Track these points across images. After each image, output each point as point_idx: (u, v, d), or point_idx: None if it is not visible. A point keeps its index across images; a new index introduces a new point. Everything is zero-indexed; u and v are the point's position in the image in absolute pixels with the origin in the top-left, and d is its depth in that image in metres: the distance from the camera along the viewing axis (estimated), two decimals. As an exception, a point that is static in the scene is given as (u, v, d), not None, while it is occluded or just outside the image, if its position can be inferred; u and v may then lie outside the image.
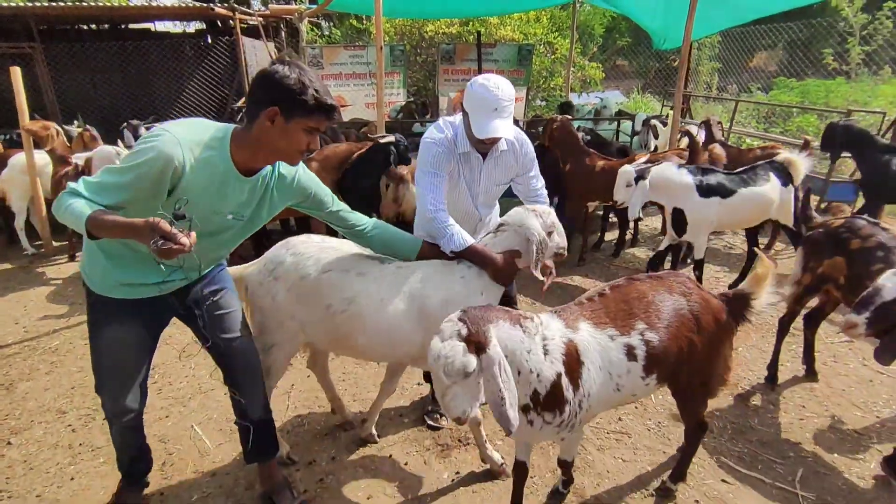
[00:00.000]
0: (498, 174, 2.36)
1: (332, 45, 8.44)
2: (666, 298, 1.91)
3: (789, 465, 2.51)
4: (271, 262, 2.16)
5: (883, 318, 1.79)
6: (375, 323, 2.01)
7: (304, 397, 3.00)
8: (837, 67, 7.61)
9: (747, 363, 3.32)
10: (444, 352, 1.47)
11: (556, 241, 2.14)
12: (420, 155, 2.26)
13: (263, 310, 2.15)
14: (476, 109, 2.07)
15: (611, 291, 1.91)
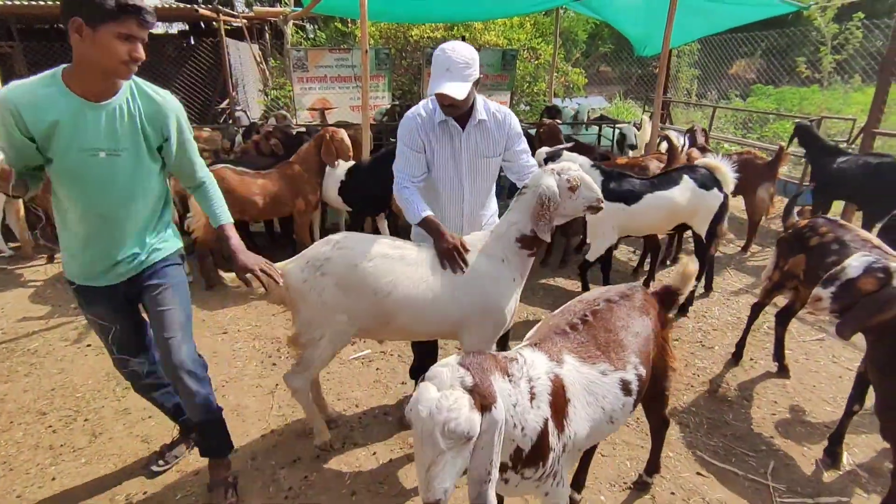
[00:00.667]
0: (480, 145, 2.33)
1: (317, 48, 8.44)
2: (641, 322, 1.85)
3: (761, 457, 2.60)
4: (316, 258, 2.20)
5: (846, 294, 1.90)
6: (418, 302, 2.14)
7: (288, 396, 3.00)
8: (810, 75, 7.85)
9: (723, 361, 3.42)
10: (446, 404, 1.17)
11: (585, 195, 2.12)
12: (398, 129, 2.37)
13: (310, 305, 2.20)
14: (433, 71, 2.15)
15: (594, 319, 1.76)
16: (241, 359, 3.41)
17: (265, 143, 5.34)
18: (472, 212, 2.46)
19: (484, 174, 2.41)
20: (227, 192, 4.07)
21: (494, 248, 2.18)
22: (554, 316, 1.84)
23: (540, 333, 1.74)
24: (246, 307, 4.13)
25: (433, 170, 2.37)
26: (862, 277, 1.89)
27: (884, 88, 5.14)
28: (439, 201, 2.42)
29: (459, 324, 2.23)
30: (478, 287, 2.16)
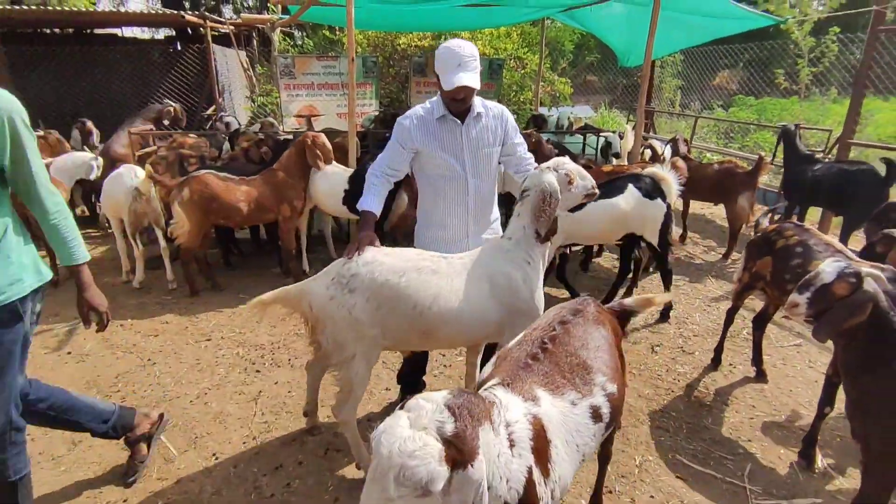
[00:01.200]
0: (481, 136, 2.41)
1: (305, 55, 8.47)
2: (599, 334, 1.77)
3: (739, 460, 2.65)
4: (342, 275, 2.16)
5: (821, 299, 1.95)
6: (460, 312, 2.16)
7: (271, 403, 3.01)
8: (788, 87, 8.06)
9: (703, 366, 3.47)
10: (411, 447, 1.01)
11: (582, 184, 2.22)
12: (394, 127, 2.45)
13: (338, 323, 2.16)
14: (443, 68, 2.23)
15: (554, 345, 1.63)
16: (225, 366, 3.40)
17: (255, 151, 5.33)
18: (477, 208, 2.50)
19: (486, 166, 2.47)
20: (211, 198, 4.12)
21: (517, 254, 2.21)
22: (511, 349, 1.69)
23: (503, 370, 1.58)
24: (230, 314, 4.11)
25: (436, 166, 2.42)
26: (835, 282, 1.94)
27: (857, 101, 5.29)
28: (445, 198, 2.46)
29: (498, 327, 2.27)
30: (510, 292, 2.19)
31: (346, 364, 2.22)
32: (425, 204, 2.57)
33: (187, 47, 8.62)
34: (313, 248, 5.61)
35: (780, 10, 7.26)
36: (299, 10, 6.03)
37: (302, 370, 3.33)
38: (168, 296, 4.44)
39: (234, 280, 4.80)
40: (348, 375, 2.24)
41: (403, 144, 2.41)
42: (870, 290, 1.89)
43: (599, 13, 6.60)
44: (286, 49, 8.94)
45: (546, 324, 1.76)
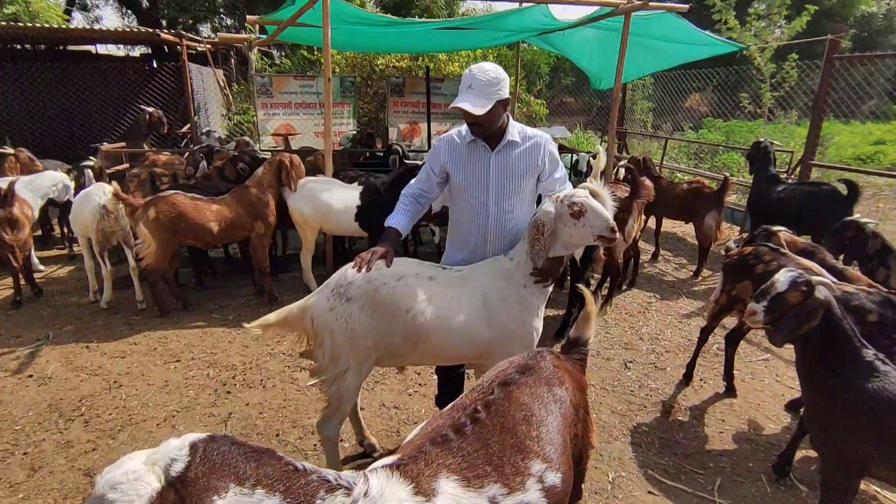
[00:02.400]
0: (513, 165, 2.29)
1: (282, 74, 8.50)
2: (553, 399, 1.46)
3: (709, 475, 2.68)
4: (340, 285, 2.16)
5: (777, 307, 2.06)
6: (450, 322, 2.13)
7: (241, 426, 2.94)
8: (753, 111, 8.38)
9: (675, 381, 3.52)
10: (115, 478, 0.89)
11: (593, 223, 2.03)
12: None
13: (335, 335, 2.13)
14: (459, 92, 2.17)
15: (488, 415, 1.31)
16: (195, 387, 3.32)
17: (231, 168, 5.29)
18: (499, 239, 2.37)
19: (514, 197, 2.33)
20: (178, 218, 4.07)
21: (515, 275, 2.18)
22: (441, 414, 1.40)
23: (414, 442, 1.29)
24: (201, 334, 4.03)
25: (460, 190, 2.37)
26: (788, 291, 2.06)
27: (817, 124, 5.53)
28: (466, 223, 2.41)
29: (487, 346, 2.22)
30: (504, 310, 2.17)
31: (338, 378, 2.19)
32: (452, 229, 2.54)
33: (163, 65, 8.58)
34: (288, 266, 5.57)
35: (743, 38, 7.59)
36: (276, 30, 6.07)
37: (274, 391, 3.28)
38: (137, 316, 4.34)
39: (205, 299, 4.72)
40: (339, 390, 2.21)
41: (433, 166, 2.39)
42: (821, 297, 1.98)
43: (572, 38, 6.80)
44: (264, 68, 8.96)
45: (486, 385, 1.43)
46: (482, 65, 2.18)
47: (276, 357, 3.70)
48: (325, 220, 4.68)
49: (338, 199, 4.65)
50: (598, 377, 3.57)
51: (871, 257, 3.34)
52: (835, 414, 1.94)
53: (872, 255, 3.33)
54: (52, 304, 4.56)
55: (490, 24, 6.06)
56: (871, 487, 2.60)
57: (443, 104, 8.49)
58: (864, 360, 1.92)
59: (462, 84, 2.16)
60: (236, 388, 3.32)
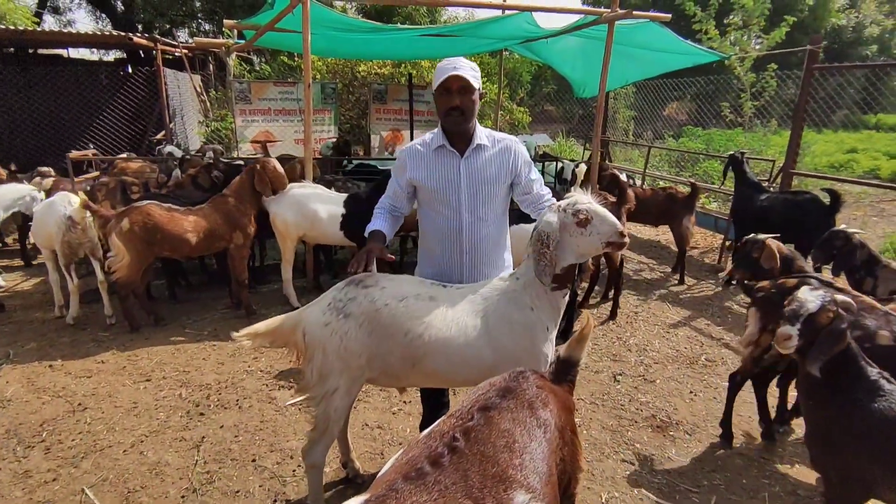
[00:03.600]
0: (483, 170, 2.18)
1: (261, 81, 8.33)
2: (533, 427, 1.35)
3: (703, 493, 2.60)
4: (339, 300, 2.04)
5: (810, 329, 1.92)
6: (452, 344, 2.00)
7: (215, 450, 2.77)
8: (734, 119, 8.49)
9: (665, 396, 3.46)
10: None
11: (600, 229, 1.90)
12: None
13: (328, 352, 2.02)
14: (438, 74, 2.09)
15: (467, 444, 1.21)
16: (165, 409, 3.14)
17: (205, 176, 5.12)
18: (475, 250, 2.26)
19: (488, 205, 2.23)
20: (153, 230, 3.89)
21: (521, 296, 2.03)
22: (417, 442, 1.29)
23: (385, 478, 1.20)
24: (174, 351, 3.84)
25: (430, 200, 2.25)
26: (820, 312, 1.93)
27: (797, 133, 5.57)
28: (439, 236, 2.27)
29: (491, 371, 2.06)
30: (508, 334, 2.02)
31: (325, 398, 2.06)
32: (423, 242, 2.40)
33: (137, 70, 8.33)
34: (266, 277, 5.39)
35: (723, 48, 7.68)
36: (255, 35, 5.92)
37: (251, 411, 3.12)
38: (105, 332, 4.12)
39: (179, 313, 4.52)
40: (326, 411, 2.07)
41: (399, 179, 2.27)
42: (845, 317, 1.91)
43: (556, 46, 6.78)
44: (242, 74, 8.78)
45: (465, 410, 1.33)
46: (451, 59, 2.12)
47: (253, 375, 3.53)
48: (309, 228, 4.53)
49: (323, 206, 4.51)
50: (587, 391, 3.48)
51: (858, 267, 3.32)
52: (839, 434, 1.88)
53: (860, 266, 3.31)
54: (15, 320, 4.32)
55: (474, 32, 6.00)
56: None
57: (426, 111, 8.41)
58: (870, 378, 1.85)
59: (440, 69, 2.08)
60: (210, 409, 3.15)
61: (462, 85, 2.06)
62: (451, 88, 2.07)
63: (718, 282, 5.32)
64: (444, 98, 2.10)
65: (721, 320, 4.68)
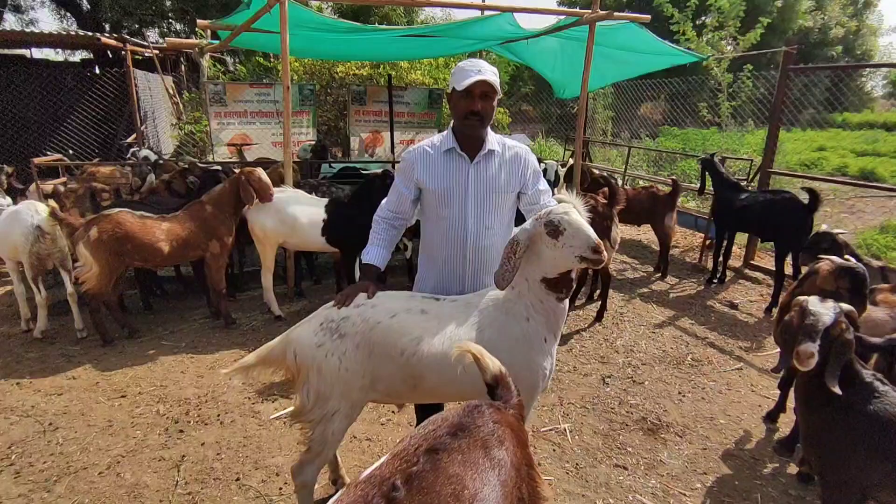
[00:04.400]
0: (493, 177, 2.12)
1: (237, 82, 8.13)
2: (486, 470, 1.20)
3: (697, 496, 2.59)
4: (332, 320, 1.96)
5: (826, 343, 1.89)
6: (447, 359, 1.90)
7: (197, 470, 2.65)
8: (711, 119, 8.63)
9: (654, 397, 3.45)
10: None
11: (571, 243, 1.78)
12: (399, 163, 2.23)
13: (325, 374, 1.92)
14: (460, 77, 2.00)
15: (410, 492, 1.06)
16: (142, 427, 3.00)
17: (180, 182, 4.95)
18: (478, 259, 2.19)
19: (494, 213, 2.16)
20: (124, 239, 3.73)
21: (516, 307, 1.96)
22: (352, 487, 1.11)
23: None
24: (150, 365, 3.69)
25: (435, 205, 2.15)
26: (835, 325, 1.90)
27: (774, 133, 5.67)
28: (443, 243, 2.19)
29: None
30: (504, 348, 1.92)
31: (324, 421, 1.96)
32: (425, 249, 2.31)
33: (105, 71, 8.05)
34: (246, 285, 5.25)
35: (700, 49, 7.80)
36: (230, 35, 5.76)
37: (233, 427, 3.01)
38: (76, 346, 3.94)
39: (154, 324, 4.36)
40: (324, 434, 1.98)
41: (406, 183, 2.15)
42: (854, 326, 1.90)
43: (536, 47, 6.77)
44: (217, 75, 8.56)
45: (410, 448, 1.17)
46: (472, 59, 2.06)
47: (235, 387, 3.41)
48: (289, 234, 4.40)
49: (303, 211, 4.39)
50: (577, 394, 3.46)
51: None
52: (835, 437, 1.87)
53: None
54: (-22, 336, 4.11)
55: (454, 33, 5.94)
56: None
57: (406, 113, 8.33)
58: (864, 381, 1.86)
59: (465, 70, 1.99)
60: (190, 425, 3.02)
61: (485, 90, 2.01)
62: (473, 92, 2.00)
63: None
64: (464, 101, 2.02)
65: (704, 319, 4.72)
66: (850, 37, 23.16)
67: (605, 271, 4.57)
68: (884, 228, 7.33)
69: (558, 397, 3.42)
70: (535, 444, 2.93)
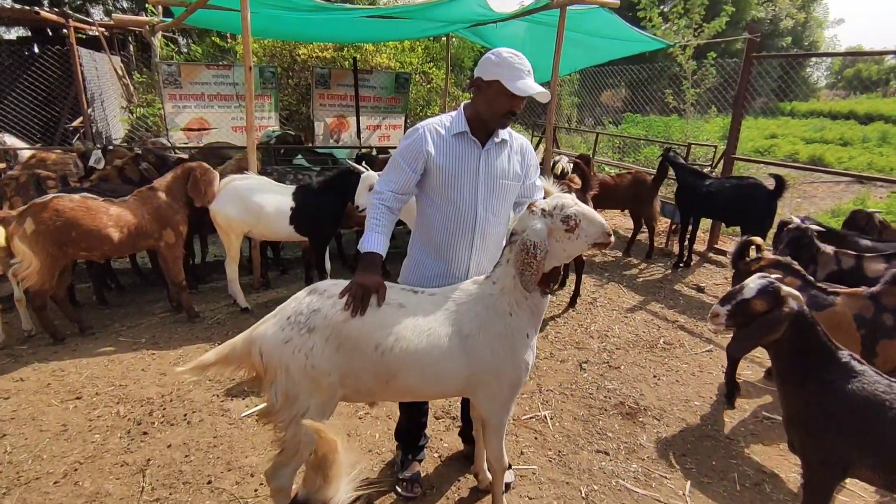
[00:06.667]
0: (501, 165, 2.08)
1: (192, 63, 7.70)
2: None
3: (677, 478, 2.62)
4: (300, 313, 1.83)
5: (739, 312, 2.03)
6: (425, 356, 1.84)
7: (163, 474, 2.50)
8: (676, 106, 8.79)
9: (631, 381, 3.48)
10: None
11: (588, 231, 1.82)
12: (402, 139, 2.08)
13: (292, 372, 1.80)
14: (510, 73, 1.88)
15: None
16: (101, 430, 2.80)
17: (132, 169, 4.65)
18: (483, 248, 2.14)
19: (500, 201, 2.12)
20: (66, 228, 3.46)
21: (499, 302, 1.90)
22: None
23: None
24: (107, 364, 3.46)
25: (442, 188, 2.05)
26: (755, 298, 2.00)
27: (738, 120, 5.79)
28: (448, 229, 2.10)
29: (469, 384, 1.95)
30: (486, 344, 1.89)
31: (295, 421, 1.85)
32: (424, 233, 2.18)
33: (46, 49, 7.47)
34: (209, 276, 5.02)
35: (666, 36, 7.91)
36: (185, 12, 5.41)
37: (202, 426, 2.85)
38: (24, 345, 3.66)
39: (111, 319, 4.11)
40: (296, 435, 1.86)
41: (412, 163, 2.02)
42: (790, 309, 1.93)
43: (504, 31, 6.68)
44: (170, 55, 8.08)
45: None
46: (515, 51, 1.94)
47: (201, 384, 3.23)
48: (255, 223, 4.19)
49: (269, 199, 4.19)
50: (555, 381, 3.45)
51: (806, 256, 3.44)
52: (814, 418, 1.90)
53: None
54: None
55: (422, 14, 5.78)
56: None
57: (372, 97, 8.12)
58: (840, 361, 1.89)
59: (515, 67, 1.88)
60: (154, 426, 2.85)
61: (518, 110, 1.95)
62: (517, 109, 1.94)
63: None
64: (507, 99, 1.92)
65: (673, 303, 4.81)
66: (798, 28, 24.11)
67: (579, 257, 4.58)
68: (835, 212, 7.67)
69: (537, 384, 3.40)
70: (518, 433, 2.90)
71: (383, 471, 2.58)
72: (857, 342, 2.62)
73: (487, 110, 1.98)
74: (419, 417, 2.52)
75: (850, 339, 2.62)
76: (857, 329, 2.64)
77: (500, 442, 2.12)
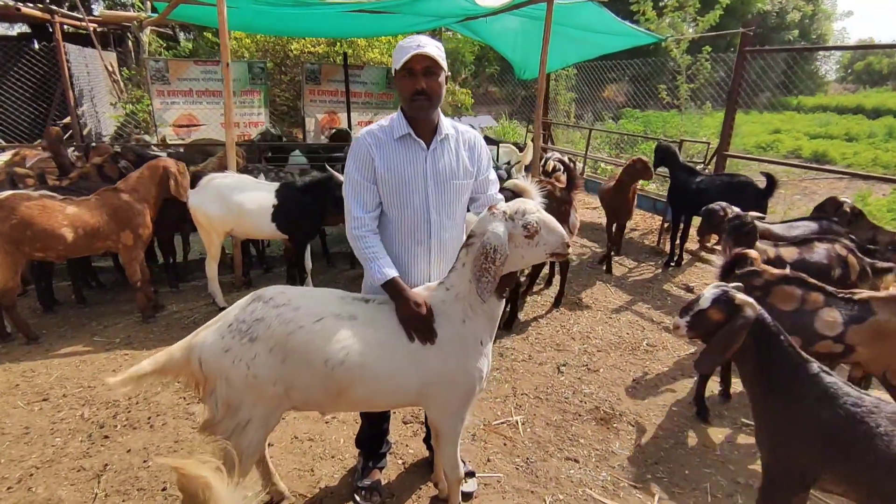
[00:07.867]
0: (449, 164, 1.99)
1: (180, 59, 7.67)
2: None
3: (647, 488, 2.55)
4: (242, 321, 1.77)
5: (698, 323, 1.98)
6: (377, 369, 1.78)
7: (119, 480, 2.46)
8: (671, 101, 8.66)
9: (609, 385, 3.41)
10: None
11: (547, 240, 1.78)
12: (349, 154, 1.99)
13: (233, 382, 1.75)
14: (399, 54, 1.84)
15: None
16: (63, 433, 2.77)
17: (111, 166, 4.62)
18: (442, 253, 2.05)
19: (453, 203, 2.03)
20: (23, 225, 3.40)
21: (452, 308, 1.84)
22: None
23: None
24: (79, 364, 3.43)
25: (390, 198, 1.96)
26: (710, 308, 1.95)
27: (731, 116, 5.68)
28: (402, 238, 2.02)
29: (421, 394, 1.89)
30: (437, 352, 1.83)
31: (236, 432, 1.80)
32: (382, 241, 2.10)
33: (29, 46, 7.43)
34: (190, 274, 4.98)
35: (660, 30, 7.77)
36: (167, 7, 5.36)
37: (164, 430, 2.81)
38: (-4, 345, 3.64)
39: (88, 318, 4.08)
40: (239, 446, 1.79)
41: (366, 174, 1.92)
42: (747, 316, 1.86)
43: (496, 25, 6.59)
44: (159, 51, 8.04)
45: None
46: (415, 36, 1.89)
47: (170, 387, 3.19)
48: (236, 221, 4.14)
49: (251, 197, 4.14)
50: (531, 384, 3.39)
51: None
52: (782, 431, 1.82)
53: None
54: None
55: (410, 8, 5.68)
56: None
57: (363, 93, 8.05)
58: (809, 373, 1.80)
59: (406, 46, 1.83)
60: (116, 430, 2.81)
61: (427, 65, 1.83)
62: (415, 69, 1.83)
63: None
64: (407, 81, 1.85)
65: (661, 303, 4.72)
66: (805, 21, 23.74)
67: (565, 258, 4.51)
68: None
69: (512, 388, 3.33)
70: (486, 439, 2.84)
71: (345, 478, 2.53)
72: None
73: (402, 101, 1.94)
74: (381, 424, 2.47)
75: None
76: None
77: (455, 451, 2.06)
